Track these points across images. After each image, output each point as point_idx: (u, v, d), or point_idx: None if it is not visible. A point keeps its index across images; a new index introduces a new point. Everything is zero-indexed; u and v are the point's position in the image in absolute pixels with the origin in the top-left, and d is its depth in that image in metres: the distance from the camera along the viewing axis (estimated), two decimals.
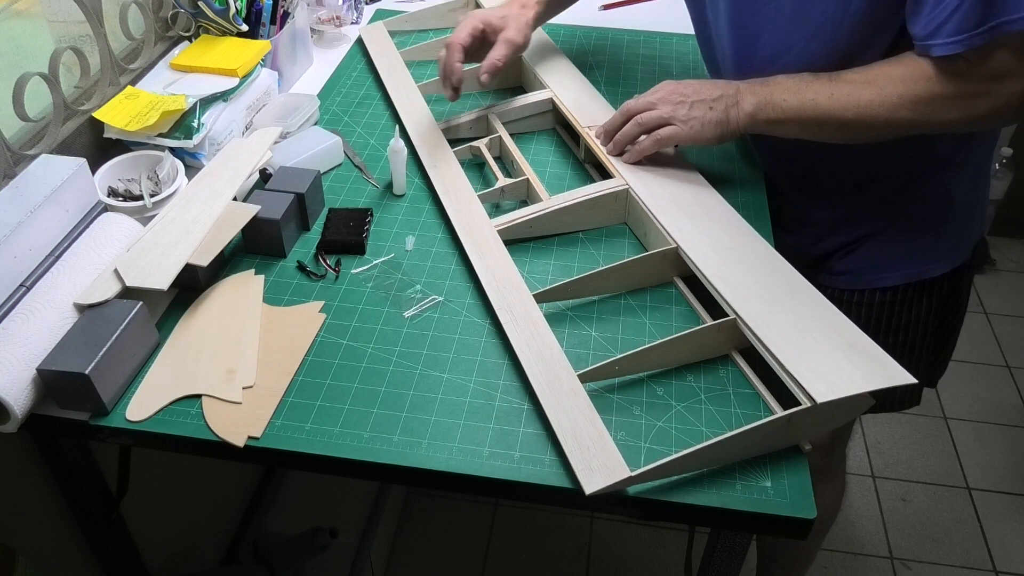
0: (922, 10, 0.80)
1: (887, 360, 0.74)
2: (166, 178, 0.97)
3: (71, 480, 0.92)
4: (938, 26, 0.79)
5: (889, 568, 1.73)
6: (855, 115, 0.86)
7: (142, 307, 0.79)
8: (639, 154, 0.98)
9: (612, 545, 1.77)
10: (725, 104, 0.91)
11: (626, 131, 0.98)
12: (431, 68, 1.30)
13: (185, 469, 1.30)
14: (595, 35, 1.38)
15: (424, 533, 1.79)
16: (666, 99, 0.94)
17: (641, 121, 0.96)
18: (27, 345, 0.74)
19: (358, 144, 1.13)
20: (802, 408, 0.71)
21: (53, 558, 1.00)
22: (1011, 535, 1.79)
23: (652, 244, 0.93)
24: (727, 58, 1.01)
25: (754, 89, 0.91)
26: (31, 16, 1.06)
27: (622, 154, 1.00)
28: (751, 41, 0.96)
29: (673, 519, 0.72)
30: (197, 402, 0.77)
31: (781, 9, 0.91)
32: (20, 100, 0.89)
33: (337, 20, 1.37)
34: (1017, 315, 2.31)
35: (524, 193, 1.02)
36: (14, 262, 0.79)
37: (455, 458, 0.73)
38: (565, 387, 0.76)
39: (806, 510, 0.69)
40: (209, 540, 1.44)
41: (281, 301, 0.89)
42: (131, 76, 1.10)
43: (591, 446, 0.71)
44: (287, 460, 0.75)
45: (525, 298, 0.85)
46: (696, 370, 0.81)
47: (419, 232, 0.98)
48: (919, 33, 0.82)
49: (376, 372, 0.81)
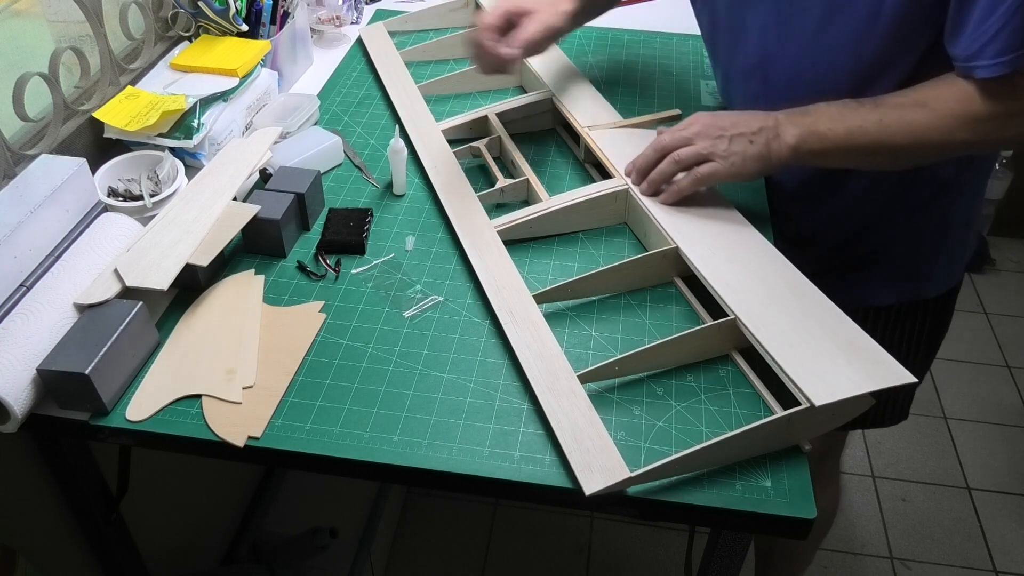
0: (963, 31, 0.78)
1: (887, 360, 0.74)
2: (166, 178, 0.97)
3: (71, 480, 0.92)
4: (981, 47, 0.76)
5: (889, 568, 1.73)
6: (908, 140, 0.82)
7: (142, 307, 0.79)
8: (677, 194, 0.91)
9: (612, 545, 1.77)
10: (766, 137, 0.86)
11: (662, 169, 0.91)
12: (431, 68, 1.30)
13: (185, 469, 1.30)
14: (595, 35, 1.38)
15: (424, 533, 1.79)
16: (703, 133, 0.88)
17: (678, 158, 0.89)
18: (27, 345, 0.74)
19: (358, 144, 1.13)
20: (802, 408, 0.71)
21: (53, 558, 1.00)
22: (1011, 535, 1.79)
23: (652, 244, 0.93)
24: (747, 67, 0.98)
25: (794, 119, 0.86)
26: (31, 16, 1.06)
27: (657, 193, 0.93)
28: (774, 51, 0.93)
29: (673, 519, 0.72)
30: (197, 402, 0.77)
31: (806, 21, 0.88)
32: (20, 100, 0.89)
33: (337, 20, 1.37)
34: (1017, 315, 2.31)
35: (524, 193, 1.02)
36: (14, 262, 0.79)
37: (455, 458, 0.73)
38: (565, 388, 0.76)
39: (806, 510, 0.69)
40: (209, 540, 1.44)
41: (281, 301, 0.89)
42: (131, 76, 1.10)
43: (591, 447, 0.71)
44: (287, 460, 0.75)
45: (525, 299, 0.85)
46: (696, 370, 0.81)
47: (419, 232, 0.98)
48: (960, 54, 0.79)
49: (376, 372, 0.81)
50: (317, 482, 1.56)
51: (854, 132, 0.83)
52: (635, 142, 1.03)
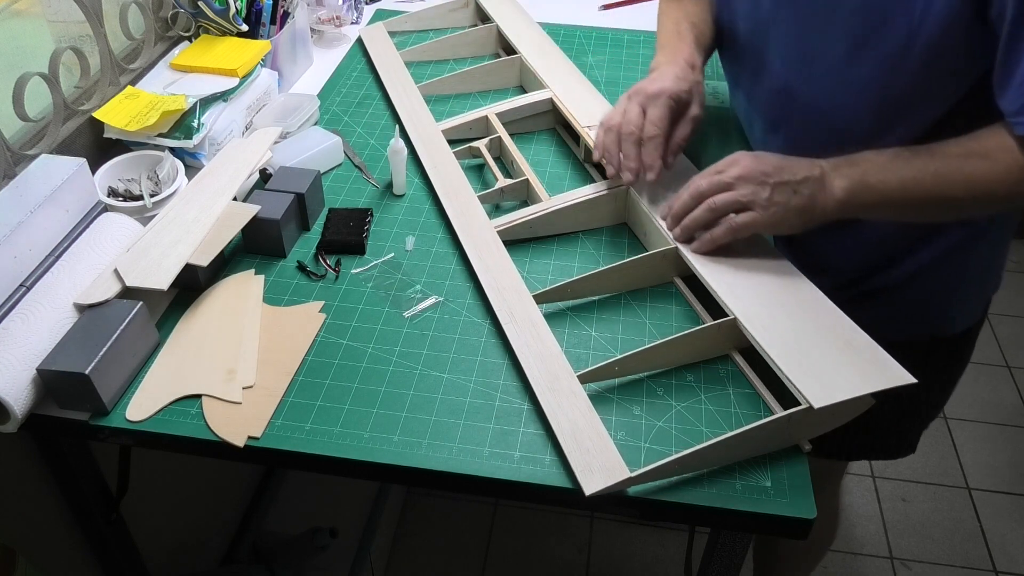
0: (1011, 83, 0.73)
1: (888, 361, 0.74)
2: (166, 178, 0.97)
3: (71, 480, 0.92)
4: None
5: (889, 568, 1.73)
6: (967, 193, 0.76)
7: (142, 307, 0.79)
8: (711, 244, 0.84)
9: (612, 545, 1.77)
10: (811, 188, 0.79)
11: (696, 216, 0.84)
12: (431, 68, 1.30)
13: (185, 469, 1.30)
14: (595, 35, 1.38)
15: (424, 533, 1.79)
16: (745, 178, 0.81)
17: (714, 206, 0.82)
18: (27, 345, 0.74)
19: (358, 144, 1.13)
20: (802, 408, 0.71)
21: (53, 558, 1.00)
22: (1011, 535, 1.79)
23: (652, 244, 0.93)
24: (770, 93, 0.93)
25: (842, 171, 0.79)
26: (31, 16, 1.06)
27: (690, 240, 0.87)
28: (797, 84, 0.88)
29: (673, 519, 0.72)
30: (197, 402, 0.77)
31: (831, 55, 0.83)
32: (20, 100, 0.89)
33: (337, 20, 1.37)
34: (1017, 315, 2.31)
35: (524, 193, 1.02)
36: (14, 262, 0.79)
37: (455, 458, 0.73)
38: (565, 388, 0.76)
39: (806, 510, 0.69)
40: (209, 540, 1.44)
41: (281, 301, 0.89)
42: (131, 76, 1.10)
43: (591, 447, 0.71)
44: (287, 460, 0.75)
45: (525, 299, 0.85)
46: (696, 370, 0.81)
47: (419, 232, 0.98)
48: (1009, 108, 0.74)
49: (376, 372, 0.81)
50: (317, 482, 1.56)
51: (908, 184, 0.77)
52: None
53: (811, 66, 0.86)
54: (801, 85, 0.88)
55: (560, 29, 1.39)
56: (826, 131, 0.88)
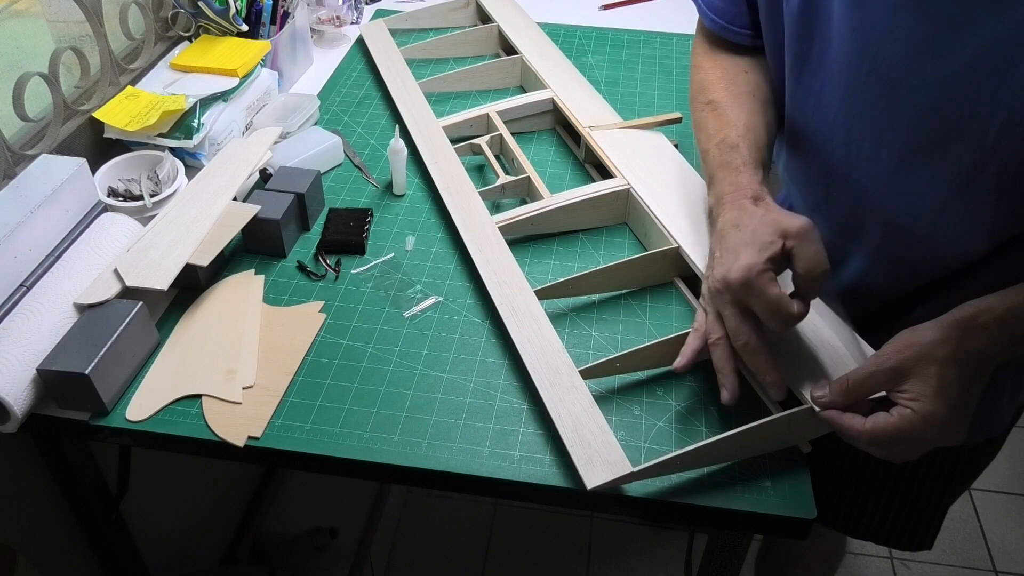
0: None
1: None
2: (166, 178, 0.97)
3: (71, 480, 0.92)
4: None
5: (889, 568, 1.73)
6: None
7: (142, 307, 0.79)
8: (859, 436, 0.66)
9: (612, 545, 1.77)
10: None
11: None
12: (431, 67, 1.30)
13: (185, 469, 1.30)
14: (595, 35, 1.38)
15: (424, 533, 1.79)
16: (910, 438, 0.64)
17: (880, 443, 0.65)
18: (27, 345, 0.74)
19: (358, 144, 1.13)
20: (802, 408, 0.71)
21: (53, 558, 0.99)
22: (1011, 535, 1.79)
23: (652, 244, 0.93)
24: (809, 176, 0.83)
25: (991, 334, 0.63)
26: (31, 16, 1.06)
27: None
28: (839, 178, 0.77)
29: (673, 519, 0.72)
30: (197, 402, 0.77)
31: (882, 156, 0.71)
32: (20, 100, 0.89)
33: (337, 20, 1.37)
34: None
35: (525, 191, 1.02)
36: (14, 262, 0.79)
37: (455, 458, 0.73)
38: (566, 382, 0.76)
39: (806, 510, 0.69)
40: (209, 540, 1.44)
41: (281, 301, 0.89)
42: (131, 76, 1.10)
43: (593, 441, 0.71)
44: (287, 460, 0.75)
45: (526, 293, 0.85)
46: (696, 370, 0.81)
47: (419, 232, 0.98)
48: None
49: (376, 372, 0.81)
50: (317, 482, 1.56)
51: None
52: (636, 143, 1.03)
53: (856, 170, 0.74)
54: (841, 184, 0.77)
55: (560, 29, 1.39)
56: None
